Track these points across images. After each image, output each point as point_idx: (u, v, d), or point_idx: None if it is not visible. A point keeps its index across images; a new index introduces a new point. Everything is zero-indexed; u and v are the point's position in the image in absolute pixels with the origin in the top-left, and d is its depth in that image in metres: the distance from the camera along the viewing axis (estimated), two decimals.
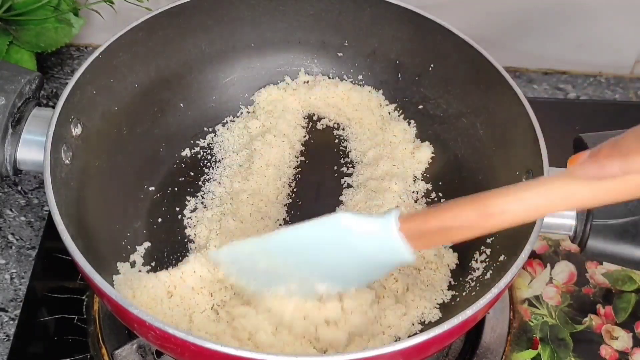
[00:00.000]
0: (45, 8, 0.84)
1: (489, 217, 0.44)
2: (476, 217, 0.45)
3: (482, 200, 0.45)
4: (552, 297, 0.75)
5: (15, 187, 0.83)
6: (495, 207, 0.44)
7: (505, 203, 0.44)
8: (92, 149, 0.67)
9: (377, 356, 0.51)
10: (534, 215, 0.45)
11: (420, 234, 0.47)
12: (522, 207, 0.44)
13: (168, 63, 0.75)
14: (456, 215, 0.46)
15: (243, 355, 0.50)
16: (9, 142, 0.63)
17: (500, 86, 0.67)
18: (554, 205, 0.44)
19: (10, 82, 0.64)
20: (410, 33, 0.75)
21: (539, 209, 0.44)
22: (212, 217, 0.70)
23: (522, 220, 0.45)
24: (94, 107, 0.68)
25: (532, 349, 0.72)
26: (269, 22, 0.77)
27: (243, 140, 0.77)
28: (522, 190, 0.44)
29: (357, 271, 0.53)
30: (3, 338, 0.72)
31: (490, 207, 0.44)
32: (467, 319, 0.53)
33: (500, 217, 0.44)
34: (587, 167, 0.42)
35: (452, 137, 0.75)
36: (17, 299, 0.75)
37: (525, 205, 0.44)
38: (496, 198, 0.44)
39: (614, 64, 0.96)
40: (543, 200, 0.43)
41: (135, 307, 0.53)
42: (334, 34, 0.78)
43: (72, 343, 0.71)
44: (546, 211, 0.44)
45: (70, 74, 0.94)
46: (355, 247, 0.50)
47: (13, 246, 0.78)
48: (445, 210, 0.47)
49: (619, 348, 0.72)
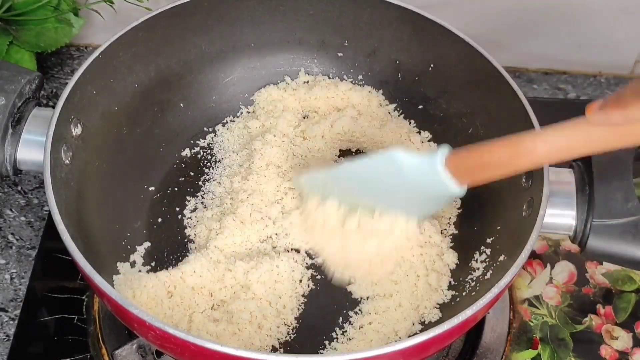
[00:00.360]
0: (45, 8, 0.84)
1: (520, 156, 0.51)
2: (509, 156, 0.51)
3: (514, 141, 0.51)
4: (552, 297, 0.75)
5: (15, 187, 0.83)
6: (524, 146, 0.51)
7: (533, 143, 0.50)
8: (92, 149, 0.67)
9: (377, 356, 0.51)
10: (558, 156, 0.50)
11: (463, 169, 0.54)
12: (548, 148, 0.50)
13: (168, 63, 0.75)
14: (492, 153, 0.52)
15: (243, 355, 0.50)
16: (9, 142, 0.63)
17: (500, 86, 0.67)
18: (574, 147, 0.49)
19: (10, 82, 0.64)
20: (410, 33, 0.75)
21: (562, 150, 0.50)
22: (212, 217, 0.70)
23: (548, 160, 0.51)
24: (94, 107, 0.68)
25: (532, 349, 0.72)
26: (269, 22, 0.77)
27: (243, 140, 0.77)
28: (548, 133, 0.50)
29: (413, 202, 0.59)
30: (3, 338, 0.72)
31: (521, 146, 0.51)
32: (467, 319, 0.54)
33: (530, 157, 0.50)
34: (598, 115, 0.47)
35: (452, 137, 0.74)
36: (17, 299, 0.75)
37: (550, 147, 0.50)
38: (525, 139, 0.51)
39: (614, 64, 0.96)
40: (566, 142, 0.49)
41: (135, 307, 0.53)
42: (334, 34, 0.78)
43: (72, 343, 0.71)
44: (568, 153, 0.50)
45: (70, 74, 0.94)
46: (408, 180, 0.56)
47: (13, 246, 0.78)
48: (483, 149, 0.53)
49: (619, 348, 0.72)
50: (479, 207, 0.69)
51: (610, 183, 0.61)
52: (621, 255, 0.61)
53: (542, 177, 0.60)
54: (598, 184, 0.61)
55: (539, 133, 0.52)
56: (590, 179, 0.62)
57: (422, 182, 0.55)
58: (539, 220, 0.58)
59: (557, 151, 0.50)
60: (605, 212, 0.60)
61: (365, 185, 0.61)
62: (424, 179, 0.55)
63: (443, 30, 0.71)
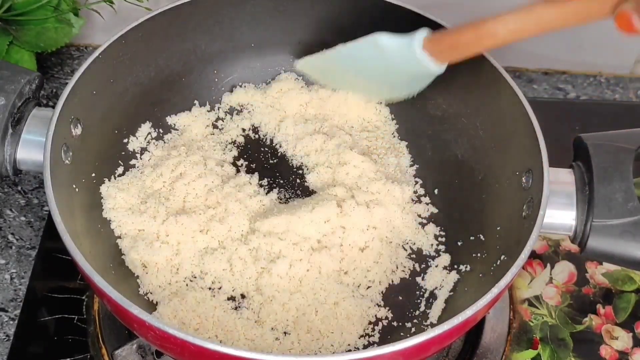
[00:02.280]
0: (45, 8, 0.84)
1: (483, 37, 0.58)
2: (475, 37, 0.59)
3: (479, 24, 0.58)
4: (552, 297, 0.75)
5: (15, 187, 0.83)
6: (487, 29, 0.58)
7: (494, 26, 0.57)
8: (92, 149, 0.67)
9: (377, 356, 0.51)
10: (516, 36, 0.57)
11: (438, 49, 0.61)
12: (507, 29, 0.56)
13: (168, 63, 0.75)
14: (461, 35, 0.60)
15: (243, 355, 0.50)
16: (9, 142, 0.63)
17: (500, 86, 0.67)
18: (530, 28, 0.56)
19: (10, 82, 0.64)
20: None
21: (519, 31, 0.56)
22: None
23: (509, 40, 0.57)
24: (94, 107, 0.68)
25: (532, 349, 0.72)
26: (269, 22, 0.77)
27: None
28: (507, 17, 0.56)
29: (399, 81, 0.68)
30: (3, 338, 0.72)
31: (484, 29, 0.58)
32: (467, 319, 0.54)
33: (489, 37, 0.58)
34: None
35: (452, 137, 0.74)
36: (17, 299, 0.75)
37: (509, 28, 0.56)
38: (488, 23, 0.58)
39: (613, 64, 0.96)
40: (522, 24, 0.56)
41: (135, 307, 0.53)
42: (334, 34, 0.78)
43: (72, 343, 0.71)
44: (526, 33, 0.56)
45: (70, 74, 0.94)
46: (391, 61, 0.65)
47: (13, 246, 0.78)
48: (454, 31, 0.61)
49: (619, 348, 0.72)
50: (479, 207, 0.69)
51: (610, 183, 0.61)
52: (621, 255, 0.61)
53: (542, 177, 0.60)
54: (598, 184, 0.61)
55: (499, 17, 0.57)
56: (590, 179, 0.62)
57: (403, 62, 0.63)
58: (539, 220, 0.58)
59: (515, 32, 0.56)
60: (605, 212, 0.60)
61: (357, 67, 0.69)
62: (405, 59, 0.62)
63: None
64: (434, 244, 0.71)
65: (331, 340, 0.63)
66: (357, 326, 0.64)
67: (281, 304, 0.64)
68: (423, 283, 0.68)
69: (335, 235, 0.67)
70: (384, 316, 0.66)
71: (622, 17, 0.51)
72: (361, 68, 0.70)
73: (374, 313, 0.66)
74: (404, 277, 0.69)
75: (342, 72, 0.73)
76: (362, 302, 0.66)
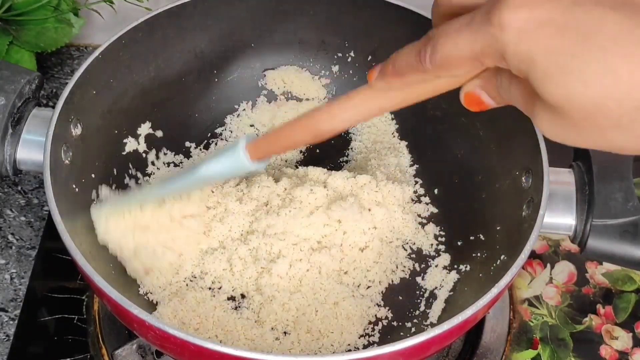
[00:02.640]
0: (45, 8, 0.84)
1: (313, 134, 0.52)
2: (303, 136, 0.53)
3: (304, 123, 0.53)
4: (552, 297, 0.75)
5: (15, 187, 0.83)
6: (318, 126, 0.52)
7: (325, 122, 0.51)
8: (92, 149, 0.67)
9: (377, 356, 0.51)
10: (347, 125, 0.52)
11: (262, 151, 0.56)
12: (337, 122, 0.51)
13: (168, 63, 0.75)
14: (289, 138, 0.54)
15: (243, 355, 0.50)
16: (9, 142, 0.63)
17: None
18: (361, 115, 0.50)
19: (10, 82, 0.64)
20: (410, 33, 0.74)
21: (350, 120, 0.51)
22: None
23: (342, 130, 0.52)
24: (94, 107, 0.68)
25: (532, 349, 0.72)
26: (269, 22, 0.77)
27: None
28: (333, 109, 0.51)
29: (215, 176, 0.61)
30: (3, 338, 0.72)
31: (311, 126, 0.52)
32: (467, 319, 0.54)
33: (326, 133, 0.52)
34: (379, 82, 0.48)
35: (452, 137, 0.74)
36: (17, 299, 0.75)
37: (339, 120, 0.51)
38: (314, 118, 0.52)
39: None
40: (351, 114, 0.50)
41: (135, 307, 0.53)
42: (334, 34, 0.78)
43: (72, 343, 0.71)
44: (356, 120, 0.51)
45: (70, 74, 0.94)
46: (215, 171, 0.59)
47: (13, 246, 0.79)
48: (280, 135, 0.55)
49: (619, 348, 0.72)
50: (479, 207, 0.69)
51: (610, 183, 0.61)
52: (621, 255, 0.61)
53: (542, 177, 0.60)
54: (598, 184, 0.61)
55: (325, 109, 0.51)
56: (590, 179, 0.62)
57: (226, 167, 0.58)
58: (539, 220, 0.58)
59: (347, 121, 0.51)
60: (605, 212, 0.60)
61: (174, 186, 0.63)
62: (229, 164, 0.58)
63: None
64: (434, 244, 0.71)
65: (331, 340, 0.63)
66: (357, 326, 0.64)
67: (281, 304, 0.64)
68: (423, 283, 0.68)
69: (335, 235, 0.67)
70: (384, 316, 0.66)
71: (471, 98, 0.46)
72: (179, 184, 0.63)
73: (374, 313, 0.66)
74: (404, 277, 0.69)
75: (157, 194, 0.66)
76: (362, 302, 0.66)
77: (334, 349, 0.63)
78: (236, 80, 0.80)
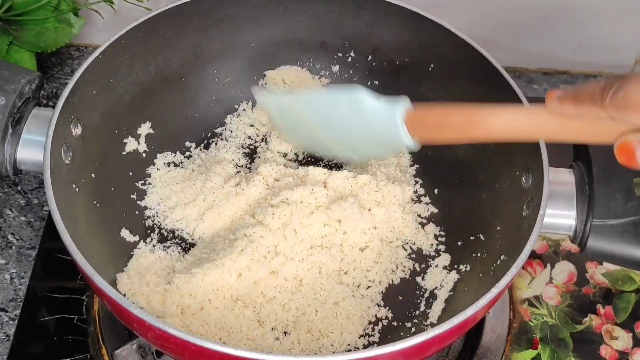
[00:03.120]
0: (45, 8, 0.84)
1: (475, 126, 0.52)
2: (465, 123, 0.52)
3: (472, 111, 0.52)
4: (552, 297, 0.75)
5: (15, 187, 0.83)
6: (481, 118, 0.51)
7: (490, 118, 0.51)
8: (92, 149, 0.67)
9: (377, 356, 0.51)
10: (509, 135, 0.51)
11: (420, 126, 0.55)
12: (502, 125, 0.51)
13: (168, 63, 0.75)
14: (450, 117, 0.54)
15: (243, 355, 0.50)
16: (9, 142, 0.63)
17: (500, 86, 0.67)
18: (527, 131, 0.51)
19: (10, 82, 0.64)
20: (410, 33, 0.75)
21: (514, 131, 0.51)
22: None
23: (499, 136, 0.52)
24: (94, 107, 0.68)
25: (532, 349, 0.72)
26: (269, 22, 0.77)
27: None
28: (507, 112, 0.51)
29: (364, 143, 0.62)
30: (3, 338, 0.72)
31: (475, 115, 0.52)
32: (467, 319, 0.54)
33: (482, 127, 0.51)
34: (555, 104, 0.48)
35: None
36: (17, 299, 0.75)
37: (505, 125, 0.51)
38: (483, 112, 0.52)
39: (614, 64, 0.96)
40: (520, 124, 0.50)
41: (135, 307, 0.53)
42: (334, 34, 0.78)
43: (72, 343, 0.71)
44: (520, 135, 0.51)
45: (70, 74, 0.94)
46: (366, 122, 0.58)
47: (13, 246, 0.79)
48: (442, 110, 0.54)
49: (619, 348, 0.72)
50: (479, 207, 0.69)
51: (610, 183, 0.61)
52: (621, 255, 0.61)
53: (542, 177, 0.60)
54: (598, 184, 0.61)
55: (498, 109, 0.52)
56: (590, 179, 0.62)
57: (379, 126, 0.57)
58: (539, 220, 0.58)
59: (510, 131, 0.51)
60: (605, 212, 0.60)
61: (325, 118, 0.62)
62: (382, 124, 0.57)
63: (443, 30, 0.71)
64: (434, 244, 0.71)
65: (331, 340, 0.63)
66: (357, 326, 0.64)
67: (281, 304, 0.64)
68: (423, 283, 0.68)
69: (335, 235, 0.67)
70: (384, 316, 0.66)
71: (625, 148, 0.46)
72: (328, 121, 0.64)
73: (374, 313, 0.66)
74: (404, 277, 0.69)
75: (304, 120, 0.66)
76: (362, 302, 0.66)
77: (334, 349, 0.63)
78: (236, 80, 0.80)
